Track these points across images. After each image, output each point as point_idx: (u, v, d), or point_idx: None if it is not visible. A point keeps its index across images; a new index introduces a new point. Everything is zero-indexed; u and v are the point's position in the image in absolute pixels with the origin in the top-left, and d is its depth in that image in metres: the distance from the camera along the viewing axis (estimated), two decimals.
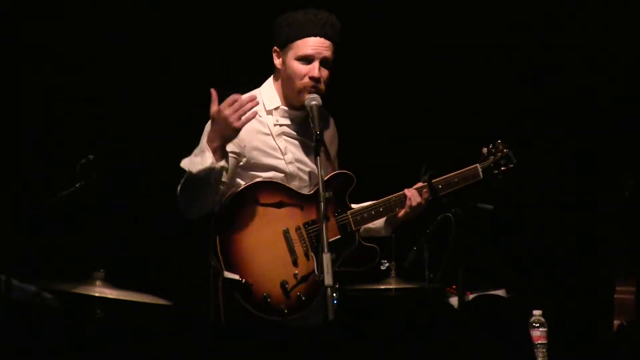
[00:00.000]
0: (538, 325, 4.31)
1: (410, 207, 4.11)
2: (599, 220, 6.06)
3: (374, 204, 4.11)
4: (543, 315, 4.33)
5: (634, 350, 4.67)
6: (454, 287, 5.49)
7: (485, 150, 4.27)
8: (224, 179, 3.89)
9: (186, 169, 3.86)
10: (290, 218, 3.98)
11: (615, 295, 5.35)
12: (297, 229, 3.98)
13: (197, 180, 3.83)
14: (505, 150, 4.27)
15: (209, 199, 3.90)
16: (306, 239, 3.97)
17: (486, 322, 3.72)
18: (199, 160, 3.84)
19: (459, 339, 3.60)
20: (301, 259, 3.95)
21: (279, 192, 3.99)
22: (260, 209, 3.94)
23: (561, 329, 4.54)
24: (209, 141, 3.85)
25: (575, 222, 6.14)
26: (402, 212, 4.12)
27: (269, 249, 3.92)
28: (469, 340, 3.65)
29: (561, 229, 6.15)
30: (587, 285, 5.98)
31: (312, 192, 4.05)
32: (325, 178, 4.04)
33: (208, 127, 4.02)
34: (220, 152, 3.85)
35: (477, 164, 4.24)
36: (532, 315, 4.32)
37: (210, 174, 3.82)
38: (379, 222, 4.20)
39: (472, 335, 3.61)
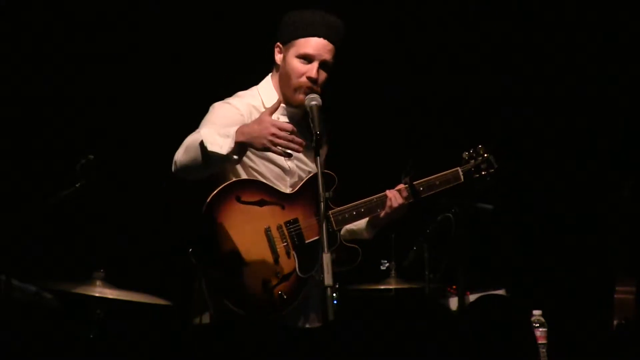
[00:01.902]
0: (538, 325, 4.31)
1: (391, 207, 4.10)
2: (599, 220, 6.05)
3: (355, 204, 4.11)
4: (543, 315, 4.33)
5: (634, 350, 4.67)
6: (454, 287, 5.49)
7: (466, 154, 4.29)
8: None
9: (203, 139, 3.76)
10: (271, 216, 3.97)
11: (615, 295, 5.35)
12: (279, 227, 3.97)
13: (206, 154, 3.76)
14: (485, 155, 4.28)
15: (202, 173, 3.85)
16: (287, 238, 3.97)
17: (491, 322, 3.72)
18: (220, 143, 3.74)
19: (460, 339, 3.60)
20: (283, 257, 3.95)
21: (260, 191, 3.98)
22: (241, 207, 3.94)
23: (561, 329, 4.54)
24: (239, 133, 3.75)
25: (575, 221, 6.14)
26: (383, 213, 4.11)
27: (250, 247, 3.91)
28: (471, 340, 3.65)
29: (561, 229, 6.15)
30: (587, 285, 5.98)
31: (293, 191, 4.05)
32: (307, 178, 4.04)
33: (217, 106, 4.00)
34: (240, 148, 3.77)
35: (458, 167, 4.25)
36: (532, 315, 4.32)
37: (220, 158, 3.77)
38: (361, 224, 4.20)
39: (476, 336, 3.61)
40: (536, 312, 4.34)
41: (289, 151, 3.78)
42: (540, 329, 4.30)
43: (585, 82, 6.11)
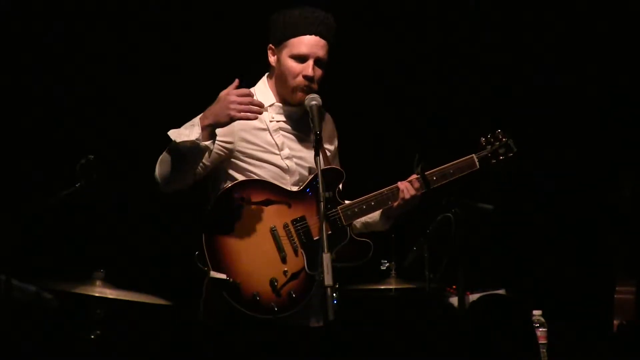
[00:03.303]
0: (538, 325, 4.32)
1: (404, 199, 4.08)
2: (599, 220, 6.05)
3: (365, 198, 4.09)
4: (543, 315, 4.33)
5: (634, 350, 4.67)
6: (454, 287, 5.49)
7: (483, 139, 4.25)
8: (205, 160, 3.88)
9: (172, 137, 3.84)
10: (277, 215, 3.96)
11: (615, 295, 5.35)
12: (285, 226, 3.96)
13: (178, 151, 3.81)
14: (504, 139, 4.25)
15: (183, 175, 3.88)
16: (294, 236, 3.96)
17: (493, 322, 3.73)
18: (187, 132, 3.82)
19: (462, 339, 3.60)
20: (290, 256, 3.94)
21: (266, 190, 3.98)
22: (247, 208, 3.93)
23: (561, 329, 4.54)
24: (202, 118, 3.84)
25: (575, 222, 6.14)
26: (396, 204, 4.09)
27: (256, 247, 3.90)
28: (472, 340, 3.65)
29: (561, 229, 6.15)
30: (587, 285, 5.98)
31: (299, 189, 4.04)
32: (312, 176, 4.03)
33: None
34: (208, 132, 3.83)
35: (474, 154, 4.22)
36: (532, 315, 4.32)
37: (192, 149, 3.81)
38: (376, 216, 4.17)
39: (476, 335, 3.61)
40: (536, 312, 4.34)
41: (253, 115, 3.83)
42: (540, 329, 4.30)
43: (585, 82, 6.11)
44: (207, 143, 3.83)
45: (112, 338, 4.86)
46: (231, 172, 4.01)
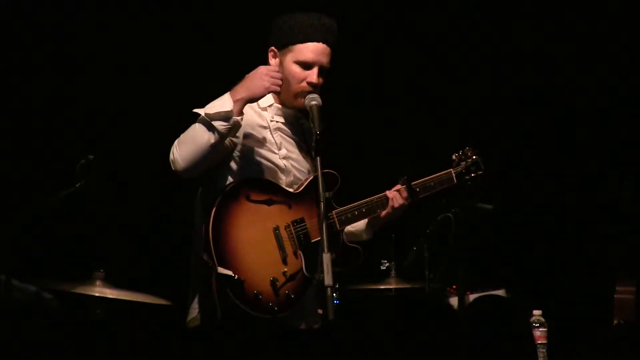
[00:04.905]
0: (538, 325, 4.31)
1: (393, 208, 4.11)
2: (599, 220, 6.06)
3: (357, 204, 4.10)
4: (543, 315, 4.33)
5: (634, 350, 4.67)
6: (454, 287, 5.50)
7: (455, 156, 4.28)
8: (233, 138, 3.89)
9: (201, 112, 3.84)
10: (279, 216, 3.97)
11: (615, 295, 5.35)
12: (287, 226, 3.97)
13: (209, 124, 3.82)
14: (474, 157, 4.27)
15: (209, 153, 3.85)
16: (295, 237, 3.97)
17: (489, 323, 3.73)
18: (219, 104, 3.83)
19: (460, 340, 3.60)
20: (290, 257, 3.94)
21: (268, 190, 3.98)
22: (251, 206, 3.93)
23: (561, 329, 4.54)
24: (233, 93, 3.87)
25: (575, 222, 6.14)
26: (384, 213, 4.11)
27: (260, 246, 3.90)
28: (471, 340, 3.65)
29: (561, 229, 6.16)
30: (587, 285, 5.98)
31: (298, 190, 4.04)
32: (311, 177, 4.03)
33: None
34: (239, 106, 3.86)
35: (451, 169, 4.24)
36: (532, 315, 4.32)
37: (224, 120, 3.82)
38: (360, 225, 4.20)
39: (474, 336, 3.61)
40: (536, 312, 4.34)
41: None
42: (540, 329, 4.30)
43: (585, 82, 6.11)
44: (238, 118, 3.84)
45: (112, 338, 4.86)
46: (229, 168, 4.00)
